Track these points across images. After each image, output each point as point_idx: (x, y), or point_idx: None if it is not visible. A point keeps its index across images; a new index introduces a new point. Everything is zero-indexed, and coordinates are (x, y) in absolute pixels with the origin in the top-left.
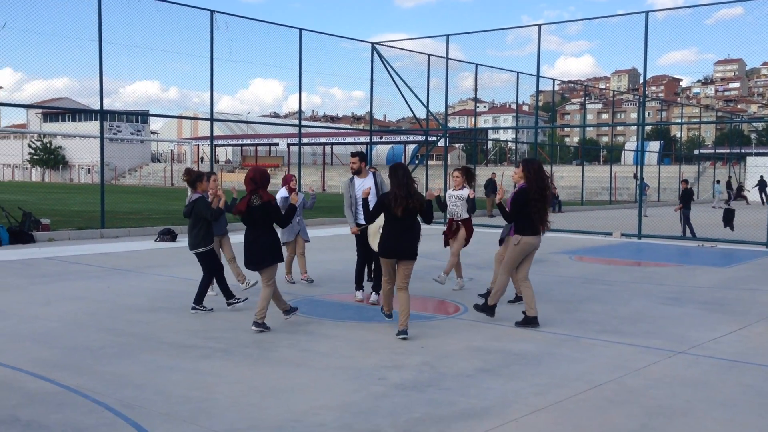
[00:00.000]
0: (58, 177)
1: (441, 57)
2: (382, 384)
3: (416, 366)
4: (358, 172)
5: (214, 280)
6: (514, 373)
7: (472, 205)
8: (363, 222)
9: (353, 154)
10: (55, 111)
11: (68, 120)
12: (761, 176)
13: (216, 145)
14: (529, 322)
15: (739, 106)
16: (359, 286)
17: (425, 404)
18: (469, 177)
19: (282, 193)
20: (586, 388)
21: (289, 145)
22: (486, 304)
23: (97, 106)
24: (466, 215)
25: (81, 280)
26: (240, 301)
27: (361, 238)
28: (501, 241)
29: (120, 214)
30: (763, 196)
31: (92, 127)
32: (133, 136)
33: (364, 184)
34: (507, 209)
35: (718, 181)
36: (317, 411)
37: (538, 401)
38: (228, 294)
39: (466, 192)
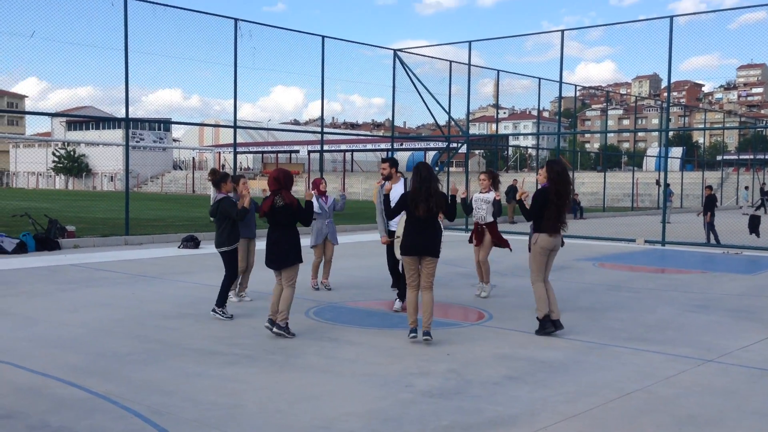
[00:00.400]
0: (81, 185)
1: (463, 63)
2: (409, 391)
3: (442, 373)
4: (388, 178)
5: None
6: (542, 381)
7: (498, 208)
8: (394, 229)
9: (384, 160)
10: (80, 119)
11: (92, 128)
12: None
13: (238, 152)
14: (554, 325)
15: (762, 112)
16: (400, 295)
17: (453, 412)
18: (495, 181)
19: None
20: (616, 397)
21: (309, 152)
22: (539, 321)
23: (119, 114)
24: (490, 219)
25: (107, 286)
26: (224, 317)
27: (391, 248)
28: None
29: (143, 221)
30: None
31: (115, 135)
32: (155, 144)
33: (394, 191)
34: (527, 208)
35: (746, 187)
36: (345, 418)
37: (567, 409)
38: (222, 301)
39: (492, 195)
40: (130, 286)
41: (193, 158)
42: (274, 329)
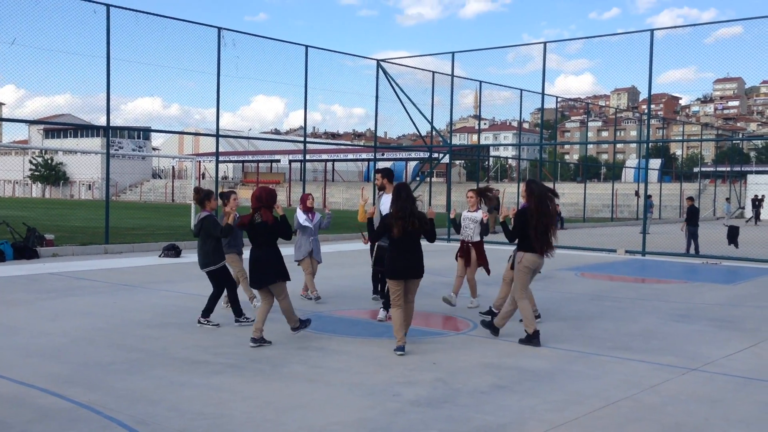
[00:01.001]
0: (58, 193)
1: (446, 74)
2: (397, 400)
3: (430, 382)
4: (382, 188)
5: (224, 294)
6: (529, 390)
7: (485, 228)
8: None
9: (377, 171)
10: (58, 127)
11: (70, 136)
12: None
13: (219, 162)
14: (490, 327)
15: (738, 124)
16: (386, 305)
17: (441, 421)
18: (485, 198)
19: (299, 213)
20: (602, 405)
21: (290, 161)
22: (527, 334)
23: (98, 122)
24: (477, 238)
25: (88, 295)
26: (249, 321)
27: (378, 255)
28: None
29: (123, 229)
30: None
31: (93, 143)
32: (134, 152)
33: (389, 200)
34: (510, 229)
35: (727, 199)
36: (334, 427)
37: (555, 418)
38: (238, 311)
39: (479, 215)
40: (111, 295)
41: (173, 167)
42: (256, 345)
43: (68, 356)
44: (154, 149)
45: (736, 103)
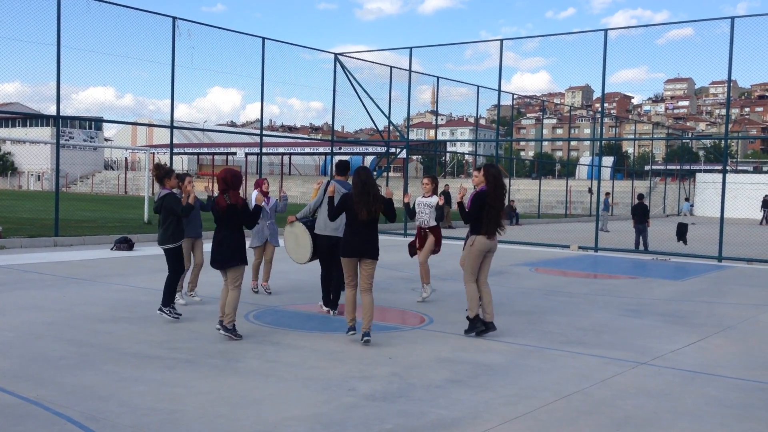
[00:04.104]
0: (5, 184)
1: (404, 69)
2: (352, 395)
3: (385, 377)
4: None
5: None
6: (483, 384)
7: (440, 212)
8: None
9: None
10: (8, 116)
11: (18, 125)
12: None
13: (173, 154)
14: (486, 326)
15: (688, 124)
16: (326, 300)
17: (396, 415)
18: (437, 186)
19: (255, 196)
20: (555, 399)
21: (247, 154)
22: (470, 321)
23: (48, 112)
24: (433, 223)
25: (36, 289)
26: (171, 315)
27: (325, 261)
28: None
29: (73, 221)
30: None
31: (43, 132)
32: (86, 143)
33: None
34: (466, 209)
35: (687, 199)
36: (289, 422)
37: (508, 412)
38: (169, 300)
39: (434, 199)
40: (61, 289)
41: (126, 158)
42: (221, 331)
43: (15, 351)
44: (106, 140)
45: (686, 103)
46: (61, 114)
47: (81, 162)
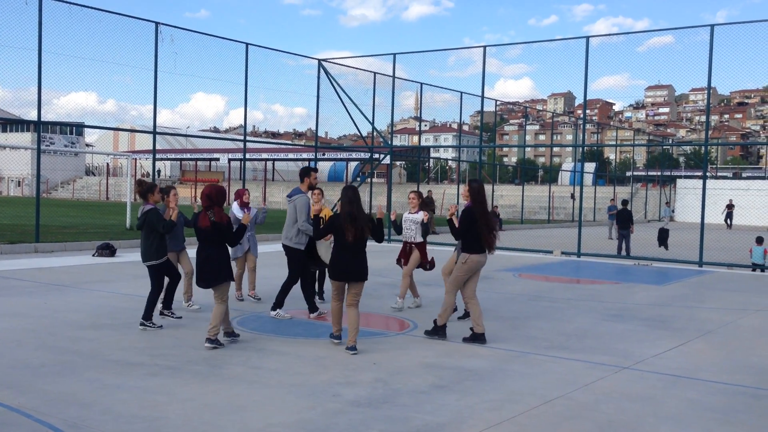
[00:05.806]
0: None
1: (387, 75)
2: (337, 401)
3: (370, 383)
4: (311, 188)
5: (162, 295)
6: (468, 389)
7: (426, 228)
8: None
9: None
10: None
11: None
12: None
13: (156, 159)
14: (477, 338)
15: (668, 130)
16: (313, 308)
17: (381, 421)
18: (424, 202)
19: (235, 208)
20: (539, 404)
21: (230, 160)
22: (435, 326)
23: (28, 117)
24: (420, 239)
25: (16, 296)
26: (173, 317)
27: (301, 258)
28: None
29: (54, 228)
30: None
31: (23, 138)
32: (67, 149)
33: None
34: (456, 227)
35: (667, 203)
36: (273, 429)
37: (492, 417)
38: (168, 304)
39: (420, 216)
40: (42, 296)
41: (108, 164)
42: (206, 344)
43: None
44: (87, 145)
45: (666, 109)
46: (42, 119)
47: (62, 167)
